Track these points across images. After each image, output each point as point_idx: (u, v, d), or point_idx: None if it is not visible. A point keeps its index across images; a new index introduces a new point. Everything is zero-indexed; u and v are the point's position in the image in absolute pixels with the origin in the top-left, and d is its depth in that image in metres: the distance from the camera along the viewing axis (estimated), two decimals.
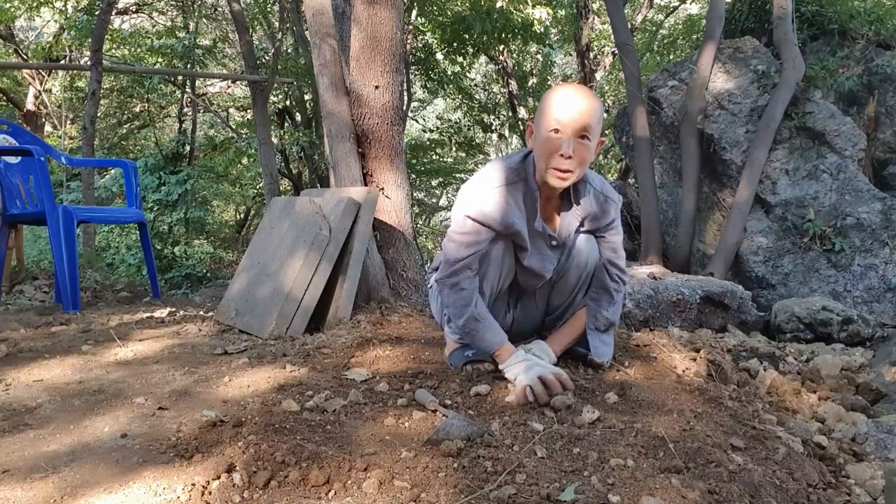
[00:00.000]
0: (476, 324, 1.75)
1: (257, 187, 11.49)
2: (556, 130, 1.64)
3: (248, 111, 10.63)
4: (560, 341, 1.92)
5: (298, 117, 9.46)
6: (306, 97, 8.98)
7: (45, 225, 3.25)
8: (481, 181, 1.79)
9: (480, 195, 1.76)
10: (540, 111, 1.71)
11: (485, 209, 1.75)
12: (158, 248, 7.11)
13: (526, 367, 1.68)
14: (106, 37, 7.18)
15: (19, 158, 3.59)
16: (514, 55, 10.77)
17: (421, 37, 8.62)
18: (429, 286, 2.15)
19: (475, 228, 1.76)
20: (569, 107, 1.63)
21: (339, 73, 2.91)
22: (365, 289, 2.79)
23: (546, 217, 1.85)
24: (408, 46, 8.00)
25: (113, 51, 9.54)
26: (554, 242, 1.86)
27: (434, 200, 15.80)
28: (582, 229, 1.90)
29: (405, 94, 7.15)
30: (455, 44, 7.88)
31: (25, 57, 9.57)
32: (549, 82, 12.32)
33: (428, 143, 10.95)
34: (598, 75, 10.32)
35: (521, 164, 1.79)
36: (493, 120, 10.98)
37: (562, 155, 1.64)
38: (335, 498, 1.16)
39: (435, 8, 8.26)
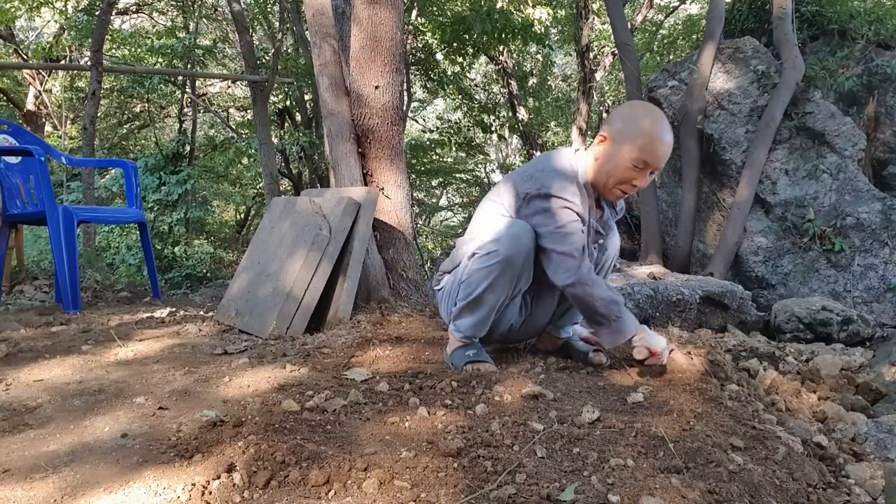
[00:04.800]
0: (619, 307, 1.79)
1: (257, 187, 11.48)
2: (640, 168, 1.72)
3: (248, 111, 10.63)
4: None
5: (298, 117, 9.46)
6: (306, 97, 8.98)
7: (46, 225, 3.25)
8: (561, 178, 1.81)
9: (567, 190, 1.79)
10: (629, 134, 1.70)
11: (575, 201, 1.81)
12: (158, 248, 7.11)
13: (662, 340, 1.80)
14: (106, 37, 7.18)
15: (19, 158, 3.59)
16: (514, 55, 10.76)
17: (421, 37, 8.62)
18: (437, 288, 2.12)
19: (574, 214, 1.80)
20: (663, 153, 1.70)
21: (339, 73, 2.91)
22: (365, 289, 2.79)
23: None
24: (408, 46, 8.00)
25: (113, 51, 9.54)
26: (601, 241, 1.96)
27: (434, 200, 15.80)
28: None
29: (405, 94, 7.15)
30: (455, 44, 7.88)
31: (25, 57, 9.57)
32: (548, 82, 12.31)
33: (428, 143, 10.94)
34: (598, 75, 10.32)
35: (572, 161, 1.86)
36: (493, 120, 10.97)
37: (634, 185, 1.76)
38: (335, 498, 1.16)
39: (435, 8, 8.26)
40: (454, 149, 10.87)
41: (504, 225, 1.85)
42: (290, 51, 9.13)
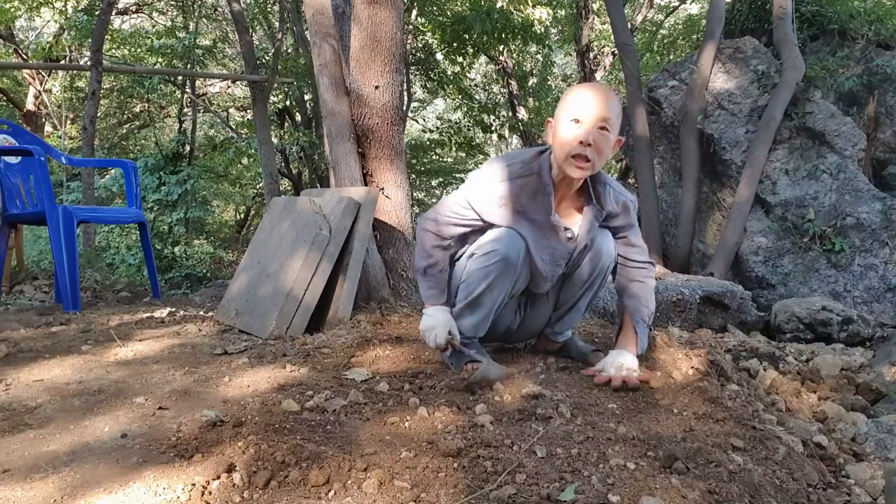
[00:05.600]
0: (426, 276, 1.92)
1: (257, 187, 11.49)
2: (577, 120, 1.70)
3: (248, 111, 10.63)
4: (627, 343, 1.91)
5: (298, 117, 9.46)
6: (306, 97, 8.98)
7: (45, 225, 3.25)
8: (488, 173, 1.85)
9: (482, 186, 1.84)
10: (560, 106, 1.77)
11: (480, 199, 1.84)
12: (158, 248, 7.11)
13: (431, 323, 1.88)
14: (106, 37, 7.18)
15: (19, 158, 3.59)
16: (514, 55, 10.76)
17: (421, 37, 8.62)
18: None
19: (465, 209, 1.87)
20: (589, 99, 1.70)
21: (339, 73, 2.91)
22: (365, 289, 2.79)
23: (563, 214, 1.87)
24: (408, 46, 8.00)
25: (113, 51, 9.54)
26: (570, 235, 1.87)
27: (434, 200, 15.79)
28: (601, 225, 1.92)
29: (405, 94, 7.15)
30: (455, 44, 7.89)
31: (25, 57, 9.57)
32: (548, 82, 12.31)
33: (428, 143, 10.95)
34: (598, 75, 10.32)
35: (534, 158, 1.83)
36: (493, 120, 10.97)
37: (581, 142, 1.68)
38: (335, 498, 1.16)
39: (435, 8, 8.26)
40: (454, 149, 10.87)
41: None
42: (290, 51, 9.13)
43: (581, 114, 1.69)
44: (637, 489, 1.19)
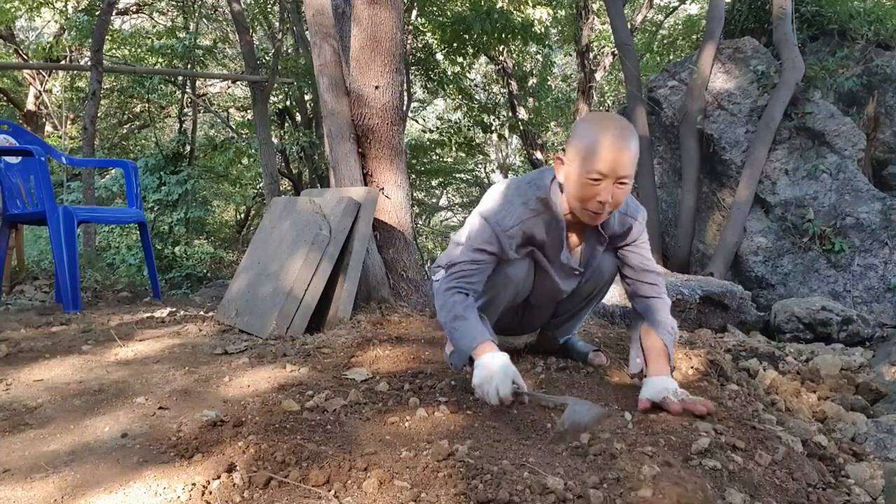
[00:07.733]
0: (457, 322, 1.69)
1: (257, 187, 11.48)
2: (598, 179, 1.58)
3: (249, 111, 10.63)
4: (663, 368, 1.75)
5: (298, 117, 9.46)
6: (306, 97, 8.98)
7: (46, 225, 3.25)
8: (502, 211, 1.74)
9: (495, 227, 1.73)
10: (579, 151, 1.60)
11: (496, 242, 1.73)
12: (159, 248, 7.11)
13: (487, 374, 1.57)
14: (106, 37, 7.18)
15: (20, 158, 3.59)
16: (514, 55, 10.76)
17: (421, 37, 8.62)
18: (435, 279, 2.09)
19: (484, 254, 1.75)
20: (613, 158, 1.56)
21: (339, 73, 2.91)
22: (365, 289, 2.79)
23: (569, 241, 1.82)
24: (408, 46, 8.00)
25: (113, 51, 9.54)
26: (577, 272, 1.85)
27: (434, 200, 15.80)
28: (606, 246, 1.86)
29: (405, 94, 7.15)
30: (455, 44, 7.88)
31: (26, 57, 9.56)
32: (548, 82, 12.31)
33: (428, 143, 10.94)
34: (598, 75, 10.32)
35: (546, 192, 1.74)
36: (493, 120, 10.97)
37: (601, 202, 1.60)
38: (335, 498, 1.16)
39: (435, 8, 8.26)
40: (454, 149, 10.86)
41: None
42: (290, 51, 9.13)
43: (603, 172, 1.56)
44: (637, 488, 1.19)
